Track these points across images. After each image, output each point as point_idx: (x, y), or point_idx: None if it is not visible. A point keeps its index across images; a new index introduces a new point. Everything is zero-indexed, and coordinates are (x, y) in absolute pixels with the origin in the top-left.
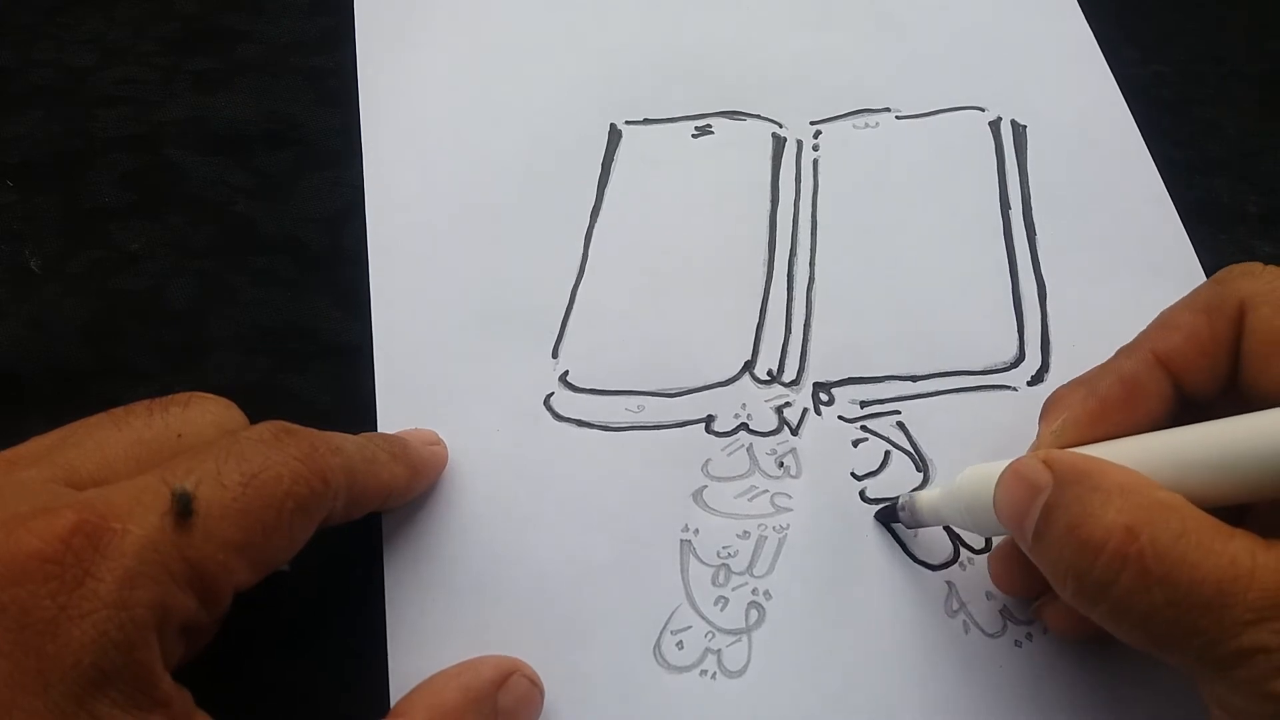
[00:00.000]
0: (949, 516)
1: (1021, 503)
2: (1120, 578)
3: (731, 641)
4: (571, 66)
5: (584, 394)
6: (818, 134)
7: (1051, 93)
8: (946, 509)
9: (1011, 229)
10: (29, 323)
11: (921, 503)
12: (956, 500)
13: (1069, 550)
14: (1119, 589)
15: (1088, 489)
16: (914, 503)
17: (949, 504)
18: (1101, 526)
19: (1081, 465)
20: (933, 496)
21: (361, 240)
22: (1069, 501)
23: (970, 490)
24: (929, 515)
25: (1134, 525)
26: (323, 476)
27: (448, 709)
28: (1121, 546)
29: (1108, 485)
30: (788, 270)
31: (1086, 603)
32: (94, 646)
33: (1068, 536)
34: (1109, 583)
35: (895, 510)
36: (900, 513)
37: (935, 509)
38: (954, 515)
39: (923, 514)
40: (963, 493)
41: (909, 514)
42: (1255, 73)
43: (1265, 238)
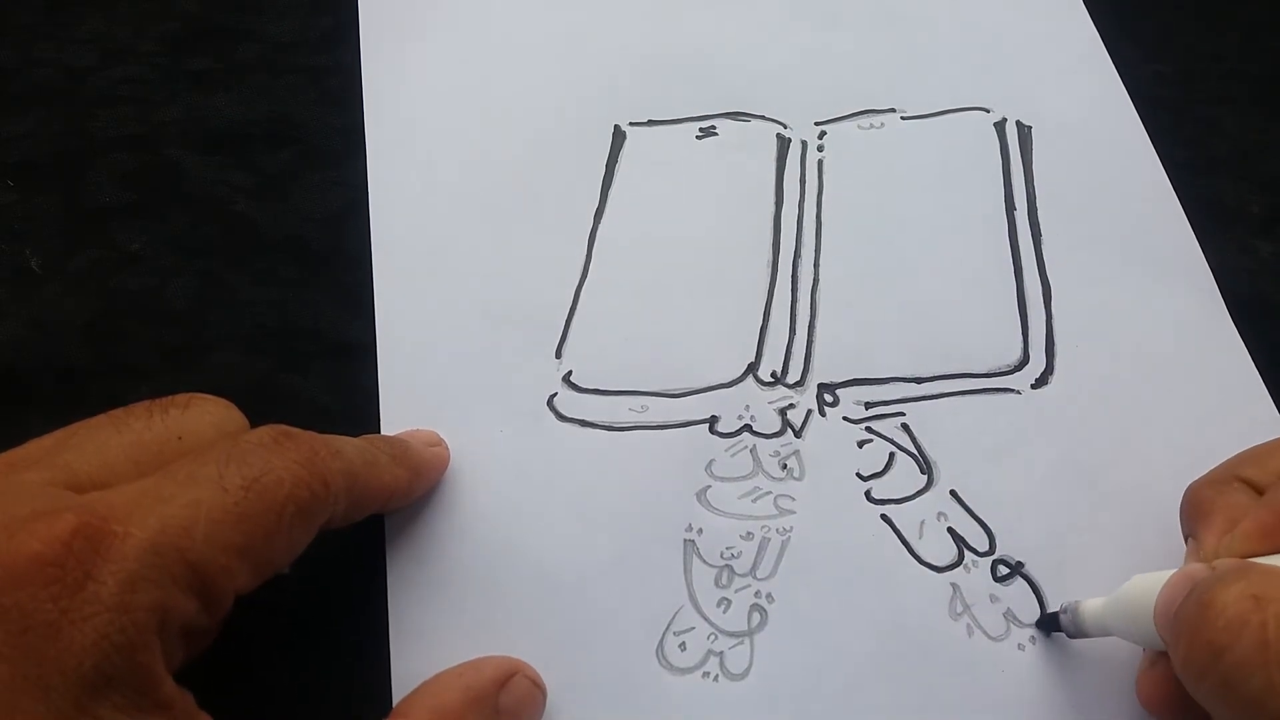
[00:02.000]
0: (1113, 626)
1: (1179, 596)
2: (1236, 645)
3: (734, 644)
4: (575, 68)
5: (587, 394)
6: (822, 135)
7: (1057, 94)
8: (1111, 618)
9: (1016, 230)
10: (29, 323)
11: (1085, 612)
12: (1121, 608)
13: (1191, 614)
14: (1231, 658)
15: (1233, 570)
16: (1077, 612)
17: (1113, 612)
18: (1228, 592)
19: (1243, 562)
20: (1097, 606)
21: (362, 240)
22: (1210, 579)
23: (1135, 597)
24: (1093, 626)
25: (1263, 596)
26: (323, 480)
27: (449, 709)
28: (1242, 614)
29: (1252, 568)
30: (792, 271)
31: (1196, 672)
32: (95, 650)
33: (1194, 604)
34: (1223, 648)
35: (1057, 618)
36: (1062, 617)
37: (1099, 618)
38: (1118, 624)
39: (1086, 624)
40: (1127, 600)
41: (1071, 623)
42: (1256, 72)
43: (1267, 237)
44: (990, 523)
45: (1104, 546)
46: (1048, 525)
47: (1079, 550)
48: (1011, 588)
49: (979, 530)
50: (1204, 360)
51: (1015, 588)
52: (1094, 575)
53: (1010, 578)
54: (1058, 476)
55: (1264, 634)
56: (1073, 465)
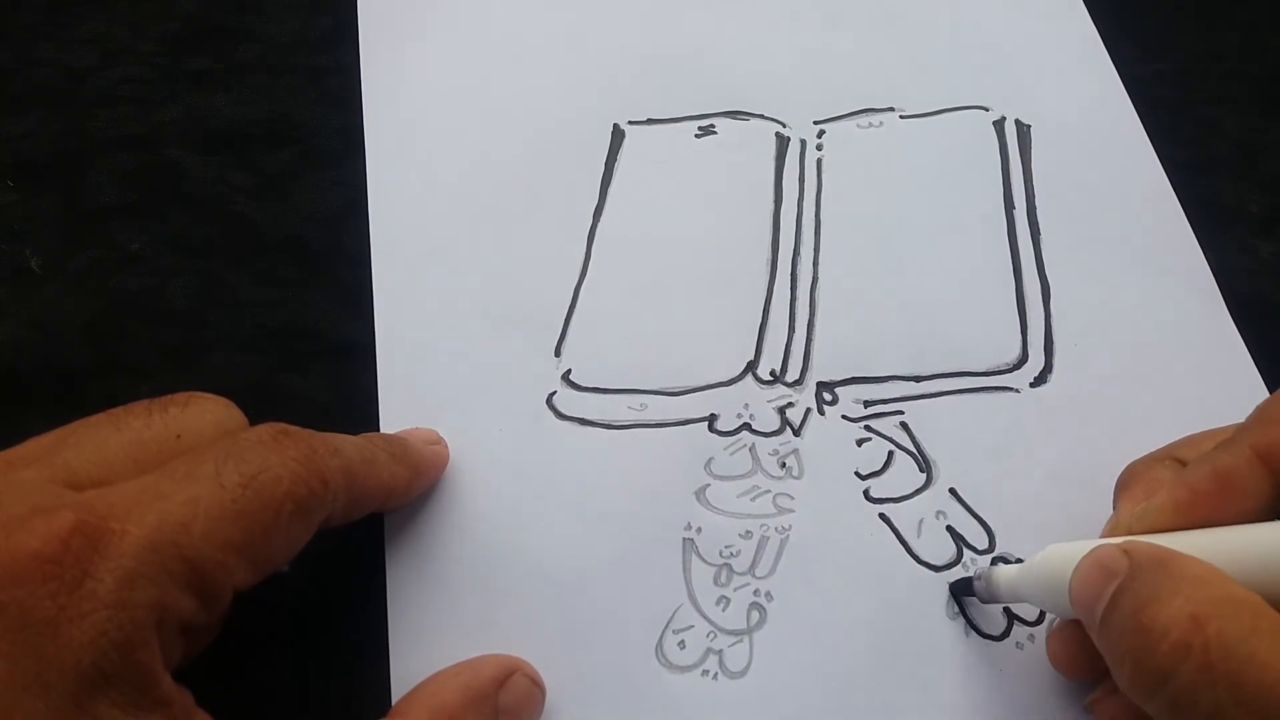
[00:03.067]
0: (1027, 595)
1: (1095, 588)
2: (1181, 668)
3: (733, 642)
4: (575, 67)
5: (586, 393)
6: (821, 133)
7: (1056, 92)
8: (1024, 587)
9: (1015, 229)
10: (29, 323)
11: (999, 579)
12: (1034, 579)
13: (1130, 634)
14: (1179, 681)
15: (1160, 576)
16: (991, 578)
17: (1027, 582)
18: (1167, 613)
19: (1159, 554)
20: (1010, 574)
21: (362, 240)
22: (1138, 586)
23: (1049, 570)
24: (1006, 592)
25: (1201, 616)
26: (322, 478)
27: (449, 708)
28: (1185, 636)
29: (1180, 574)
30: (791, 270)
31: (1143, 693)
32: (94, 647)
33: (1131, 620)
34: (1169, 673)
35: (970, 583)
36: (976, 583)
37: (1013, 586)
38: (1031, 594)
39: (1000, 590)
40: (1041, 572)
41: (985, 588)
42: (1256, 71)
43: (1266, 237)
44: (990, 521)
45: None
46: (1047, 524)
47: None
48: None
49: (978, 528)
50: (1203, 359)
51: None
52: None
53: None
54: (1057, 475)
55: (1207, 657)
56: (1072, 463)
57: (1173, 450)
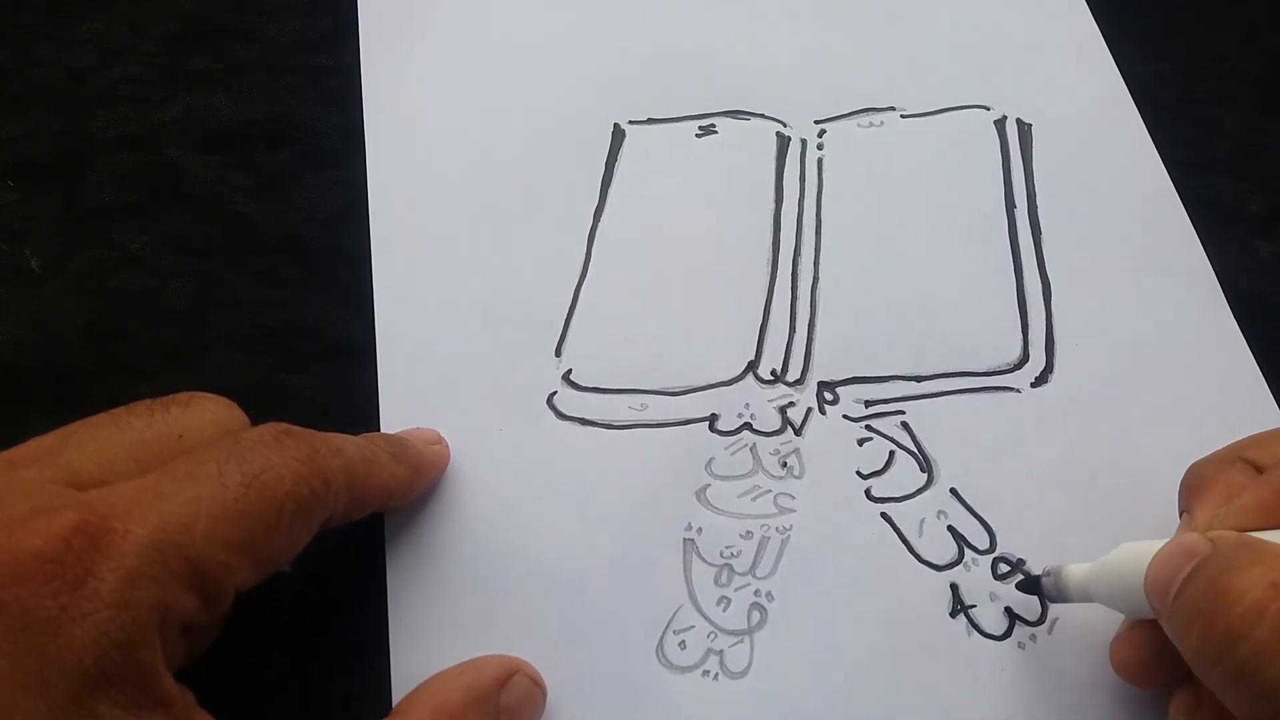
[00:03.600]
0: (1097, 593)
1: (1174, 567)
2: (1254, 633)
3: (734, 642)
4: (575, 66)
5: (587, 393)
6: (822, 133)
7: (1057, 91)
8: (1095, 585)
9: (1016, 228)
10: (29, 323)
11: (1069, 578)
12: (1107, 576)
13: (1204, 597)
14: (1249, 645)
15: (1242, 550)
16: (1060, 576)
17: (1099, 579)
18: (1245, 578)
19: (1243, 538)
20: (1081, 572)
21: (362, 239)
22: (1219, 559)
23: (1123, 567)
24: (1076, 591)
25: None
26: (323, 478)
27: (450, 708)
28: (1262, 600)
29: (1263, 549)
30: (792, 269)
31: (1210, 659)
32: (95, 646)
33: (1207, 586)
34: (1240, 636)
35: (1038, 582)
36: (1044, 580)
37: (1083, 585)
38: (1102, 592)
39: (1069, 589)
40: (1115, 569)
41: (1054, 586)
42: (1256, 71)
43: (1267, 237)
44: (991, 520)
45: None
46: (1048, 523)
47: (1080, 548)
48: (1011, 586)
49: (979, 528)
50: (1205, 358)
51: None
52: None
53: (1011, 575)
54: (1058, 474)
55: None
56: (1073, 463)
57: (1241, 451)
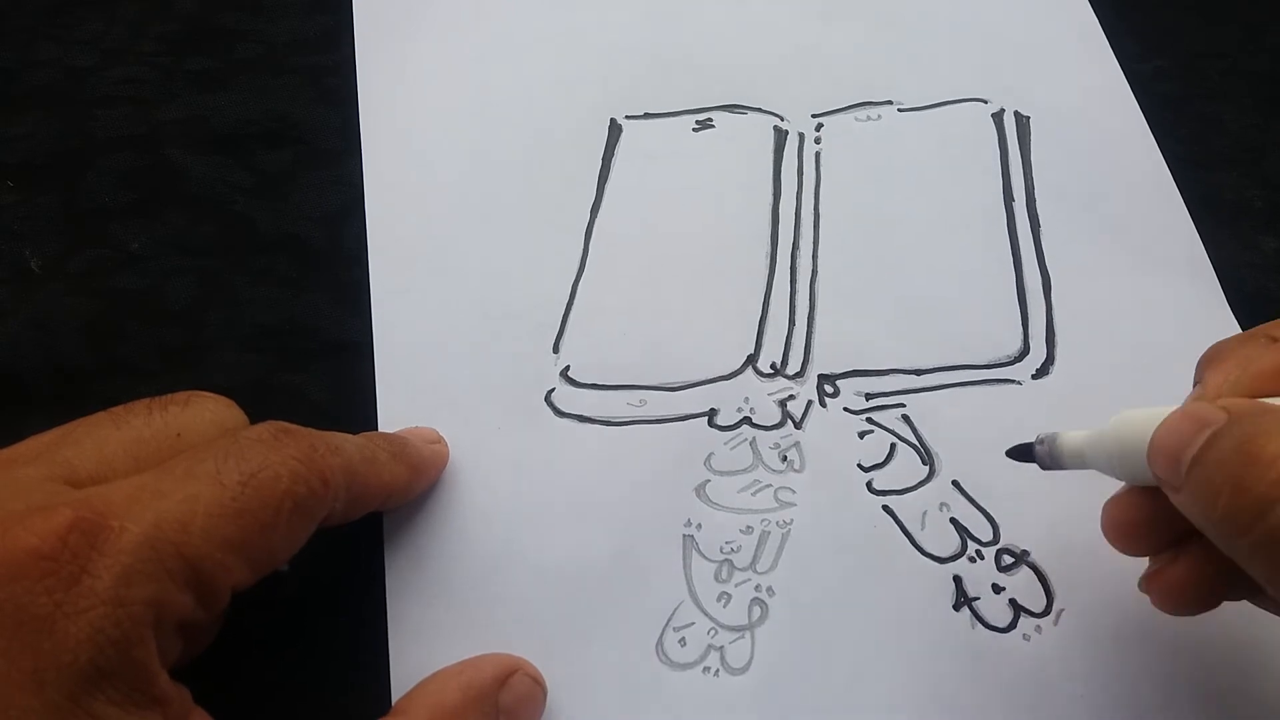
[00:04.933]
0: (1094, 461)
1: (1184, 437)
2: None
3: (734, 638)
4: (571, 61)
5: (585, 389)
6: (819, 127)
7: (1055, 84)
8: (1092, 452)
9: (1015, 221)
10: (29, 323)
11: (1065, 444)
12: (1107, 443)
13: (1233, 464)
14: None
15: (1267, 418)
16: (1055, 442)
17: (1096, 447)
18: (1275, 443)
19: (1262, 405)
20: (1078, 439)
21: (361, 238)
22: (1242, 427)
23: (1123, 434)
24: (1070, 458)
25: None
26: (322, 476)
27: (449, 708)
28: None
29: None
30: (790, 263)
31: (1237, 526)
32: (90, 644)
33: (1235, 452)
34: (1273, 502)
35: (1031, 449)
36: (1038, 448)
37: (1079, 451)
38: (1100, 459)
39: (1064, 456)
40: (1115, 436)
41: (1047, 454)
42: (1257, 67)
43: (1269, 232)
44: (993, 512)
45: None
46: (1051, 514)
47: (1084, 538)
48: (1016, 577)
49: (982, 520)
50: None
51: (1020, 577)
52: (1100, 562)
53: (1015, 567)
54: None
55: None
56: None
57: (1265, 329)
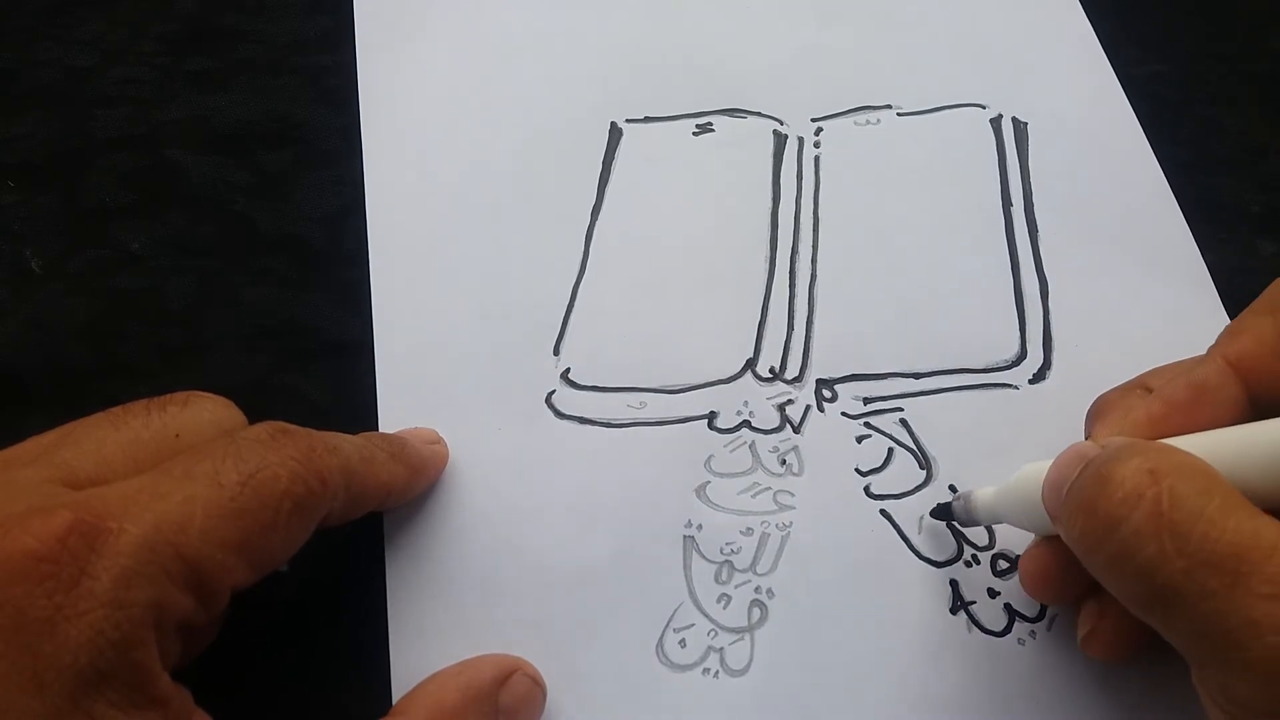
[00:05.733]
0: (1005, 514)
1: (1067, 471)
2: (1132, 516)
3: (734, 640)
4: (572, 65)
5: (585, 391)
6: (819, 131)
7: (1053, 89)
8: (1002, 506)
9: (1013, 226)
10: (29, 323)
11: (977, 500)
12: (1011, 495)
13: (1088, 487)
14: (1128, 529)
15: (1126, 447)
16: (970, 500)
17: (1005, 500)
18: (1125, 468)
19: (1131, 440)
20: (988, 494)
21: (361, 239)
22: (1104, 456)
23: (1025, 485)
24: (984, 513)
25: (1158, 471)
26: (320, 476)
27: (449, 708)
28: (1139, 487)
29: (1144, 446)
30: (789, 267)
31: (1090, 545)
32: (90, 646)
33: (1091, 479)
34: (1119, 520)
35: (949, 508)
36: (955, 504)
37: (991, 507)
38: (1010, 512)
39: (978, 512)
40: (1018, 487)
41: (963, 509)
42: (1256, 71)
43: (1267, 236)
44: None
45: None
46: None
47: None
48: (1011, 582)
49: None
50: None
51: (1015, 582)
52: None
53: (1010, 572)
54: None
55: (1159, 505)
56: None
57: (1143, 380)
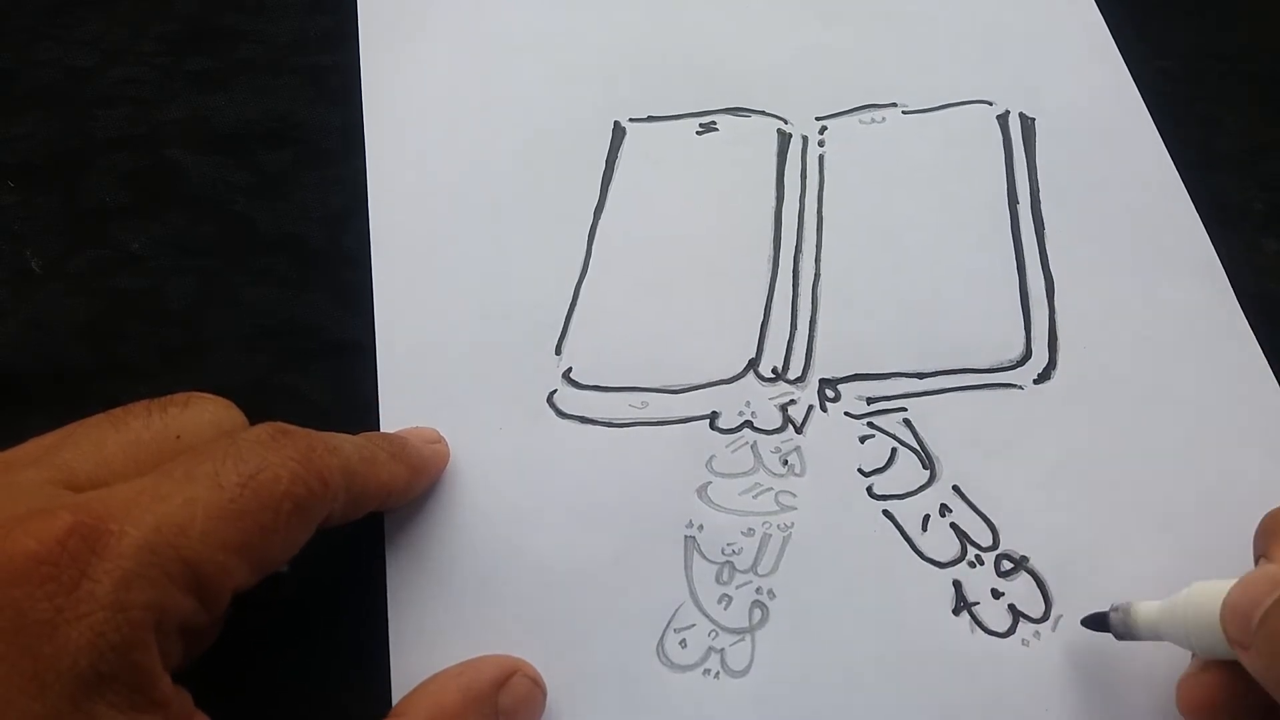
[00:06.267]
0: (1168, 631)
1: (1259, 594)
2: None
3: (735, 640)
4: (575, 64)
5: (587, 391)
6: (823, 129)
7: (1061, 85)
8: (1167, 623)
9: (1019, 224)
10: (29, 323)
11: (1139, 616)
12: (1180, 613)
13: None
14: None
15: None
16: (1130, 614)
17: (1172, 618)
18: None
19: None
20: (1152, 610)
21: (361, 239)
22: None
23: (1196, 604)
24: (1145, 630)
25: None
26: (321, 477)
27: (449, 709)
28: None
29: None
30: (793, 267)
31: None
32: (91, 648)
33: None
34: None
35: (1105, 618)
36: (1112, 616)
37: (1154, 624)
38: (1176, 632)
39: (1139, 628)
40: (1190, 605)
41: (1122, 624)
42: (1261, 69)
43: (1271, 234)
44: (993, 518)
45: (1109, 541)
46: (1052, 520)
47: (1084, 545)
48: (1015, 582)
49: (982, 525)
50: (1212, 353)
51: (1019, 582)
52: (1099, 569)
53: (1014, 572)
54: (1061, 471)
55: None
56: (1077, 460)
57: None
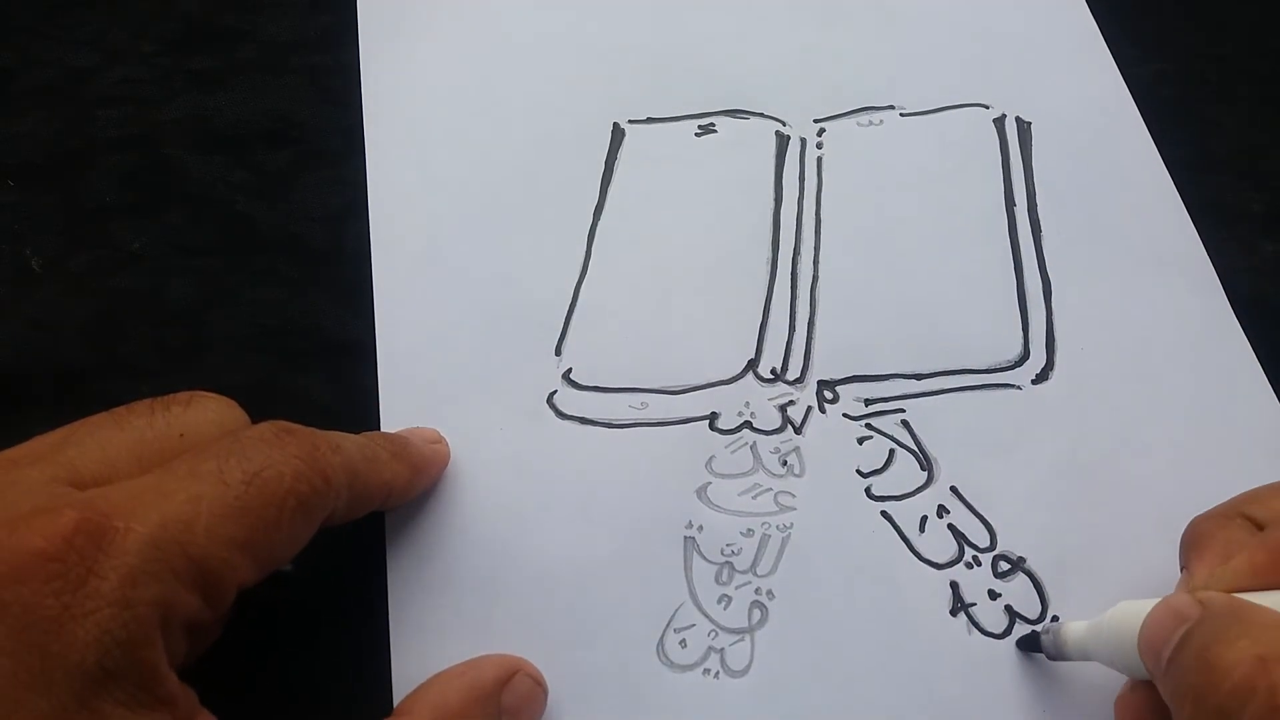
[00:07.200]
0: (1096, 652)
1: (1165, 631)
2: (1245, 710)
3: (735, 640)
4: (575, 65)
5: (587, 391)
6: (821, 132)
7: (1057, 89)
8: (1094, 644)
9: (1016, 226)
10: (29, 323)
11: (1067, 635)
12: (1104, 635)
13: (1194, 671)
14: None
15: (1230, 620)
16: (1059, 634)
17: (1096, 638)
18: (1232, 653)
19: (1232, 602)
20: (1079, 630)
21: (362, 239)
22: (1207, 628)
23: (1119, 626)
24: (1074, 650)
25: (1269, 658)
26: (324, 475)
27: (451, 709)
28: (1250, 677)
29: (1250, 619)
30: (791, 268)
31: None
32: (97, 645)
33: (1196, 658)
34: (1230, 713)
35: (1037, 639)
36: (1043, 637)
37: (1082, 643)
38: (1101, 651)
39: (1068, 648)
40: (1111, 628)
41: (1052, 644)
42: (1257, 70)
43: (1269, 236)
44: (991, 519)
45: (1105, 542)
46: (1049, 521)
47: (1080, 546)
48: (1012, 583)
49: (980, 526)
50: (1205, 355)
51: (1016, 584)
52: (1096, 571)
53: (1011, 573)
54: (1059, 472)
55: (1273, 700)
56: (1074, 461)
57: (1241, 507)
